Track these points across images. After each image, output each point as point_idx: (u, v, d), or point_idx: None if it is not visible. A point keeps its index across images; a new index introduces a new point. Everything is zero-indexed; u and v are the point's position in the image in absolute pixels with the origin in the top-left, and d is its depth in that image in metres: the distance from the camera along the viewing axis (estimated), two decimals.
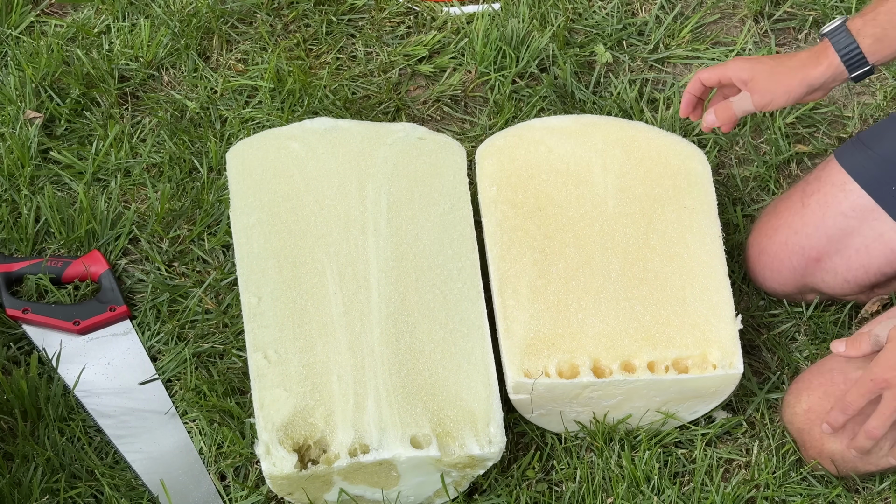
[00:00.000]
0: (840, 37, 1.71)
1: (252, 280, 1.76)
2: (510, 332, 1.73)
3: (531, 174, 1.88)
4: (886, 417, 1.61)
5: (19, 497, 1.71)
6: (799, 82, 1.73)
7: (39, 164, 2.09)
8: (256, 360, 1.69)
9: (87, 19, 2.30)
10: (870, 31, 1.71)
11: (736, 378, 1.73)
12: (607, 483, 1.73)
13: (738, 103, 1.78)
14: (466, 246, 1.82)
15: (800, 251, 1.87)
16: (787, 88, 1.73)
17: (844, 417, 1.64)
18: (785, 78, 1.73)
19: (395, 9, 2.32)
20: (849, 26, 1.71)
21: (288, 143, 1.90)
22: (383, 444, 1.63)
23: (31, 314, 1.88)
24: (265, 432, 1.63)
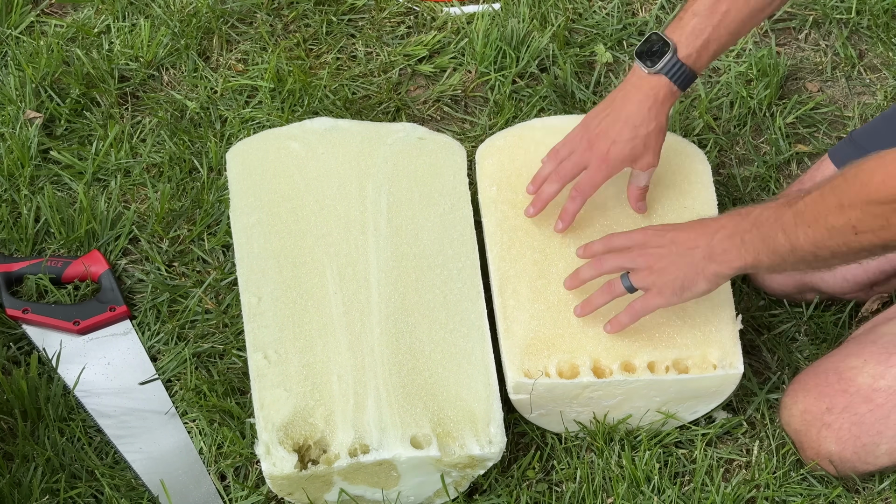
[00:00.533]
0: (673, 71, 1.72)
1: (252, 280, 1.76)
2: (510, 332, 1.73)
3: (531, 174, 1.87)
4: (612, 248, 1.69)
5: (19, 497, 1.70)
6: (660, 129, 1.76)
7: (39, 164, 2.08)
8: (256, 360, 1.69)
9: (87, 19, 2.29)
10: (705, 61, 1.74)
11: (736, 378, 1.73)
12: (607, 483, 1.73)
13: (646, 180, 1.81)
14: (467, 246, 1.82)
15: None
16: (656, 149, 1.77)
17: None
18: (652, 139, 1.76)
19: (395, 9, 2.32)
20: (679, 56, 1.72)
21: (288, 143, 1.89)
22: (383, 445, 1.62)
23: (31, 314, 1.88)
24: (265, 432, 1.62)
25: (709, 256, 1.60)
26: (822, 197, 1.48)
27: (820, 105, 2.21)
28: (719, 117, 2.18)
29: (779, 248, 1.54)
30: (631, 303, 1.68)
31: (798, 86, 2.25)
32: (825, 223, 1.47)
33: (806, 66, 2.28)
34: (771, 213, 1.55)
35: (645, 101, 1.75)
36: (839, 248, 1.49)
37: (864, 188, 1.43)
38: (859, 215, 1.44)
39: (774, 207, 1.55)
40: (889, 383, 1.67)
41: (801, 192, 1.53)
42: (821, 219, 1.48)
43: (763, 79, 2.21)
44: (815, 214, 1.49)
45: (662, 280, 1.63)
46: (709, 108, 2.18)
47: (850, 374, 1.69)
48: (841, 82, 2.26)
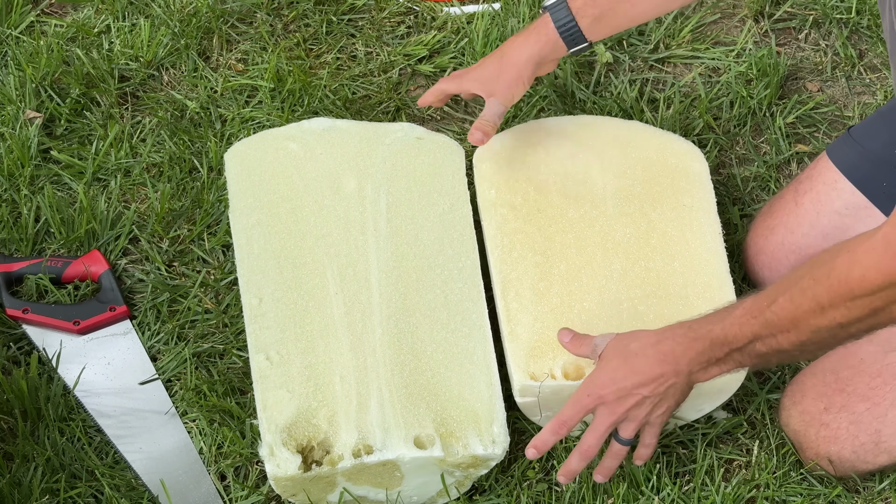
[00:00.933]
0: (560, 13, 1.76)
1: (253, 281, 1.76)
2: (514, 335, 1.73)
3: (529, 176, 1.87)
4: (600, 434, 1.61)
5: (19, 497, 1.70)
6: (524, 64, 1.79)
7: (39, 163, 2.08)
8: (259, 362, 1.69)
9: (87, 19, 2.29)
10: (589, 12, 1.76)
11: (741, 375, 1.73)
12: (607, 483, 1.73)
13: (491, 112, 1.82)
14: (467, 246, 1.82)
15: (796, 250, 1.87)
16: (518, 75, 1.79)
17: (555, 438, 1.61)
18: (512, 69, 1.79)
19: (395, 9, 2.32)
20: (569, 3, 1.76)
21: (286, 144, 1.89)
22: (387, 445, 1.62)
23: (31, 314, 1.88)
24: (268, 434, 1.62)
25: (688, 381, 1.59)
26: (793, 303, 1.46)
27: (820, 105, 2.21)
28: (719, 117, 2.18)
29: (761, 353, 1.52)
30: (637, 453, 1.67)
31: (798, 86, 2.25)
32: (808, 327, 1.46)
33: (806, 65, 2.28)
34: (735, 330, 1.52)
35: (522, 33, 1.81)
36: (826, 342, 1.48)
37: (844, 286, 1.41)
38: (844, 312, 1.42)
39: (737, 325, 1.52)
40: (886, 381, 1.67)
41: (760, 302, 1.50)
42: (801, 323, 1.46)
43: (763, 79, 2.21)
44: (792, 320, 1.47)
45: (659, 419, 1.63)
46: (709, 108, 2.18)
47: (846, 374, 1.70)
48: (841, 82, 2.26)
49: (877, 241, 1.40)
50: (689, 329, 1.58)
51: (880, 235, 1.39)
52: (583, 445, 1.63)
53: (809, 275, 1.46)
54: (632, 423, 1.62)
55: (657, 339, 1.59)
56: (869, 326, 1.45)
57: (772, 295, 1.49)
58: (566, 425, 1.61)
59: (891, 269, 1.37)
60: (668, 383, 1.58)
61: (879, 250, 1.38)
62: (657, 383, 1.58)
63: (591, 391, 1.60)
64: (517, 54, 1.79)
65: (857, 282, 1.40)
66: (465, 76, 1.86)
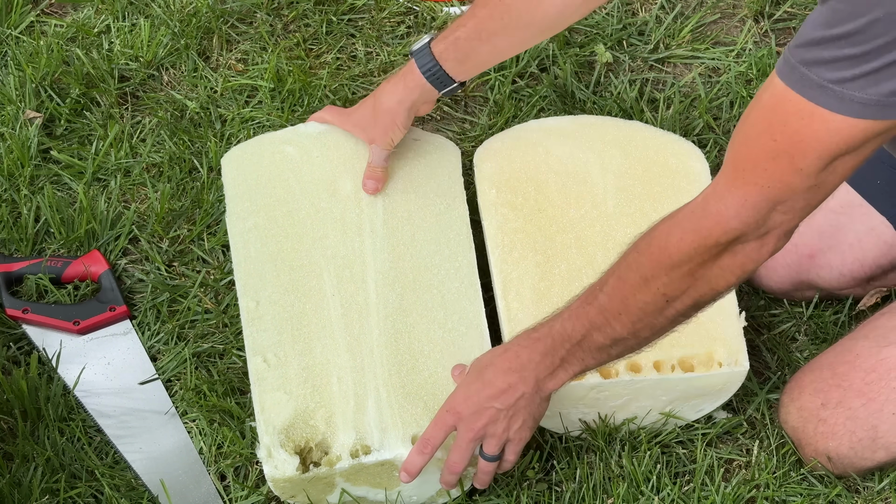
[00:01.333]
0: (424, 59, 1.79)
1: (250, 284, 1.76)
2: (515, 335, 1.73)
3: (530, 176, 1.88)
4: (463, 450, 1.61)
5: (19, 497, 1.70)
6: (396, 108, 1.81)
7: (39, 163, 2.08)
8: (256, 364, 1.69)
9: (87, 19, 2.29)
10: (451, 56, 1.78)
11: (742, 375, 1.73)
12: (607, 483, 1.73)
13: (375, 158, 1.84)
14: (463, 246, 1.82)
15: (793, 249, 1.87)
16: (392, 120, 1.81)
17: (423, 458, 1.60)
18: (386, 116, 1.82)
19: (395, 9, 2.32)
20: (432, 48, 1.78)
21: (282, 147, 1.89)
22: (385, 445, 1.62)
23: (31, 314, 1.88)
24: (266, 435, 1.62)
25: (537, 389, 1.58)
26: (621, 280, 1.47)
27: None
28: (719, 117, 2.18)
29: (601, 346, 1.53)
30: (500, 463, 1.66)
31: None
32: (635, 303, 1.46)
33: None
34: (573, 322, 1.53)
35: (391, 79, 1.83)
36: (657, 322, 1.48)
37: (663, 253, 1.42)
38: (666, 281, 1.43)
39: (574, 316, 1.53)
40: (881, 376, 1.68)
41: (594, 288, 1.51)
42: (629, 301, 1.47)
43: (763, 79, 2.20)
44: (621, 300, 1.47)
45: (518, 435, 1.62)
46: (709, 108, 2.18)
47: (843, 370, 1.70)
48: None
49: (696, 204, 1.41)
50: (533, 331, 1.59)
51: (700, 199, 1.41)
52: (449, 461, 1.63)
53: (635, 249, 1.47)
54: (492, 440, 1.61)
55: (504, 349, 1.61)
56: (693, 301, 1.45)
57: (603, 279, 1.51)
58: (430, 444, 1.60)
59: (706, 230, 1.38)
60: (518, 394, 1.58)
61: (697, 213, 1.40)
62: (507, 394, 1.58)
63: (450, 407, 1.61)
64: (389, 100, 1.82)
65: (675, 247, 1.41)
66: (347, 120, 1.89)
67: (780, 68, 1.29)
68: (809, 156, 1.29)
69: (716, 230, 1.38)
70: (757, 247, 1.39)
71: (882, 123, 1.26)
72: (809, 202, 1.35)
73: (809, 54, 1.25)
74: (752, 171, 1.33)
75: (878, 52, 1.21)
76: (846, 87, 1.23)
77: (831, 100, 1.25)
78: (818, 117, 1.26)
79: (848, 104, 1.24)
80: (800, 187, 1.32)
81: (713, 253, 1.40)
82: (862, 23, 1.20)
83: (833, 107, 1.25)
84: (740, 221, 1.36)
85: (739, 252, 1.40)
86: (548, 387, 1.59)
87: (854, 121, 1.25)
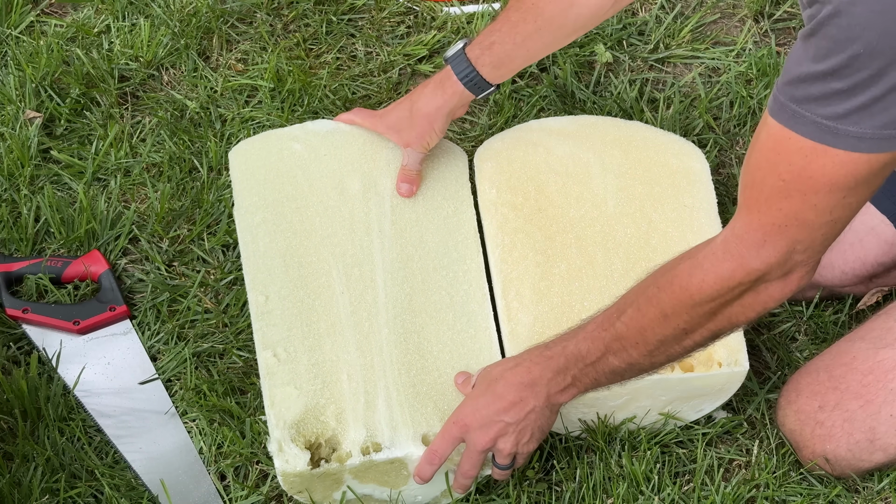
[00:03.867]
0: (460, 65, 1.79)
1: (259, 279, 1.76)
2: (515, 334, 1.73)
3: (530, 176, 1.88)
4: (474, 461, 1.62)
5: (19, 497, 1.70)
6: (435, 114, 1.82)
7: (39, 163, 2.08)
8: (266, 359, 1.69)
9: (87, 19, 2.29)
10: (487, 61, 1.79)
11: (742, 375, 1.73)
12: (607, 483, 1.73)
13: (411, 162, 1.85)
14: (471, 248, 1.82)
15: None
16: (430, 125, 1.82)
17: (432, 468, 1.62)
18: (423, 121, 1.83)
19: (395, 8, 2.32)
20: (468, 53, 1.79)
21: (290, 144, 1.90)
22: (395, 443, 1.63)
23: (31, 314, 1.88)
24: (277, 429, 1.63)
25: (547, 402, 1.59)
26: (640, 313, 1.48)
27: None
28: (719, 117, 2.18)
29: (615, 369, 1.54)
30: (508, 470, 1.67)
31: None
32: (654, 336, 1.48)
33: None
34: (588, 344, 1.54)
35: (429, 84, 1.83)
36: (674, 352, 1.50)
37: (684, 293, 1.43)
38: (686, 319, 1.45)
39: (590, 338, 1.54)
40: (878, 378, 1.68)
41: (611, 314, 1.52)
42: (647, 333, 1.48)
43: (763, 79, 2.21)
44: (639, 331, 1.49)
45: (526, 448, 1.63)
46: (709, 108, 2.18)
47: (839, 372, 1.70)
48: None
49: (716, 245, 1.42)
50: (546, 348, 1.59)
51: (720, 240, 1.41)
52: (460, 470, 1.64)
53: (654, 283, 1.48)
54: (502, 453, 1.62)
55: (516, 363, 1.61)
56: (711, 333, 1.47)
57: (621, 307, 1.52)
58: (437, 455, 1.61)
59: (728, 272, 1.39)
60: (529, 408, 1.59)
61: (718, 255, 1.40)
62: (518, 408, 1.59)
63: (458, 419, 1.61)
64: (427, 105, 1.82)
65: (696, 287, 1.42)
66: (379, 122, 1.89)
67: (772, 108, 1.27)
68: (821, 190, 1.28)
69: (738, 272, 1.38)
70: (780, 286, 1.40)
71: (886, 155, 1.24)
72: (827, 236, 1.35)
73: (799, 91, 1.24)
74: (766, 212, 1.33)
75: (864, 85, 1.19)
76: (840, 122, 1.22)
77: (828, 136, 1.23)
78: (821, 153, 1.25)
79: (845, 139, 1.23)
80: (816, 223, 1.32)
81: (736, 293, 1.41)
82: (844, 58, 1.18)
83: (831, 143, 1.23)
84: (762, 262, 1.36)
85: (763, 291, 1.40)
86: (558, 400, 1.60)
87: (856, 155, 1.24)
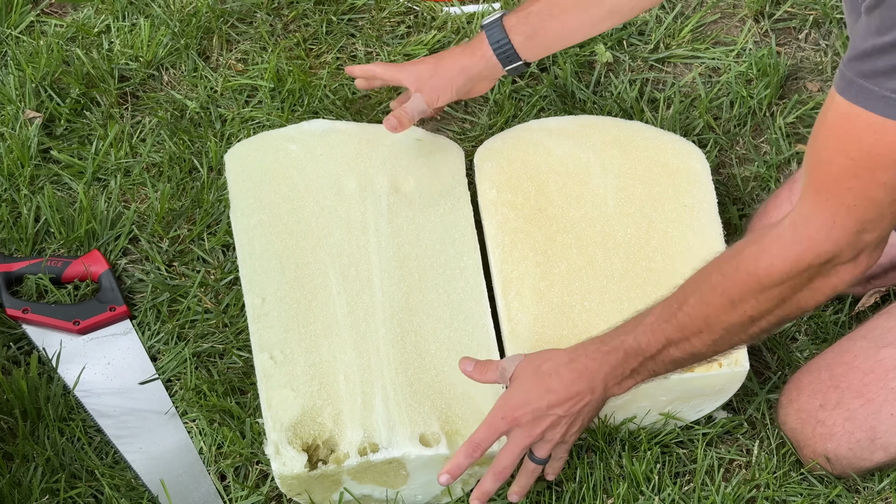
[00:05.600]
0: (494, 31, 1.79)
1: (255, 281, 1.76)
2: (515, 334, 1.73)
3: (530, 176, 1.88)
4: (515, 456, 1.60)
5: (19, 497, 1.70)
6: (458, 73, 1.81)
7: (39, 163, 2.08)
8: (262, 361, 1.69)
9: (87, 19, 2.29)
10: (521, 30, 1.78)
11: (742, 375, 1.73)
12: (607, 483, 1.73)
13: (412, 105, 1.84)
14: (468, 245, 1.82)
15: None
16: (450, 81, 1.82)
17: (471, 461, 1.58)
18: (445, 74, 1.82)
19: (395, 8, 2.32)
20: (504, 22, 1.78)
21: (286, 145, 1.90)
22: (392, 443, 1.63)
23: (31, 314, 1.88)
24: (274, 432, 1.63)
25: (603, 397, 1.58)
26: (703, 302, 1.46)
27: (820, 105, 2.21)
28: (719, 117, 2.18)
29: (676, 359, 1.53)
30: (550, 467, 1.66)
31: (798, 85, 2.25)
32: (719, 324, 1.46)
33: (806, 65, 2.28)
34: (648, 337, 1.52)
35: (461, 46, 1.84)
36: (739, 340, 1.49)
37: (752, 278, 1.41)
38: (754, 305, 1.43)
39: (650, 331, 1.52)
40: (879, 377, 1.68)
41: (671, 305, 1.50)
42: (712, 321, 1.46)
43: (763, 78, 2.21)
44: (703, 319, 1.47)
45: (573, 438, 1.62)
46: (709, 107, 2.18)
47: (840, 371, 1.70)
48: None
49: (783, 228, 1.39)
50: (602, 343, 1.57)
51: (787, 222, 1.39)
52: (497, 467, 1.60)
53: (718, 271, 1.45)
54: (547, 444, 1.60)
55: (570, 358, 1.58)
56: (778, 319, 1.45)
57: (681, 297, 1.49)
58: (480, 448, 1.58)
59: (797, 255, 1.37)
60: (584, 402, 1.57)
61: (786, 238, 1.38)
62: (572, 402, 1.57)
63: (506, 413, 1.58)
64: (453, 62, 1.82)
65: (764, 272, 1.40)
66: (401, 68, 1.89)
67: (838, 84, 1.26)
68: (890, 168, 1.26)
69: (807, 254, 1.36)
70: (850, 268, 1.38)
71: None
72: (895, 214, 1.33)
73: (866, 66, 1.23)
74: (835, 192, 1.31)
75: None
76: None
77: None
78: (891, 129, 1.23)
79: None
80: (885, 201, 1.30)
81: (805, 277, 1.39)
82: None
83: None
84: (832, 243, 1.35)
85: (833, 274, 1.39)
86: (614, 393, 1.58)
87: None
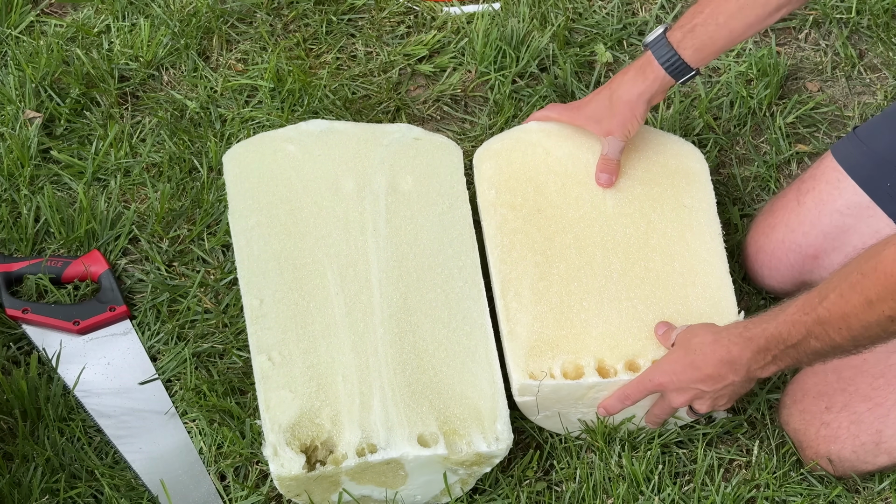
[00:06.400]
0: (661, 49, 1.79)
1: (253, 282, 1.76)
2: (514, 334, 1.73)
3: (529, 176, 1.88)
4: (668, 411, 1.72)
5: (19, 497, 1.70)
6: (636, 100, 1.82)
7: (39, 163, 2.08)
8: (261, 363, 1.69)
9: (87, 19, 2.29)
10: (690, 44, 1.78)
11: None
12: (607, 483, 1.73)
13: (611, 150, 1.85)
14: (466, 245, 1.82)
15: (797, 249, 1.87)
16: (633, 113, 1.82)
17: (620, 405, 1.71)
18: (625, 108, 1.82)
19: (395, 8, 2.32)
20: (668, 38, 1.78)
21: (284, 146, 1.89)
22: (391, 444, 1.63)
23: (31, 314, 1.88)
24: (272, 434, 1.62)
25: (747, 378, 1.63)
26: (843, 299, 1.47)
27: (820, 105, 2.21)
28: (719, 117, 2.18)
29: (817, 350, 1.54)
30: None
31: (798, 85, 2.25)
32: (857, 322, 1.47)
33: (806, 65, 2.28)
34: (790, 328, 1.54)
35: (629, 72, 1.83)
36: (879, 337, 1.48)
37: (890, 279, 1.41)
38: (892, 305, 1.43)
39: (791, 322, 1.54)
40: (889, 381, 1.67)
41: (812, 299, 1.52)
42: (851, 319, 1.47)
43: (763, 78, 2.21)
44: (842, 316, 1.48)
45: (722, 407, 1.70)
46: (709, 108, 2.18)
47: (849, 374, 1.70)
48: (841, 82, 2.26)
49: None
50: (745, 329, 1.60)
51: None
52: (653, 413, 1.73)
53: (857, 269, 1.46)
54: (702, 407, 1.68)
55: (714, 339, 1.63)
56: None
57: (823, 292, 1.51)
58: (629, 399, 1.70)
59: None
60: (727, 382, 1.63)
61: None
62: (714, 381, 1.63)
63: (654, 377, 1.68)
64: (628, 93, 1.82)
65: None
66: (577, 113, 1.89)
67: None
68: None
69: None
70: None
71: None
72: None
73: None
74: None
75: None
76: None
77: None
78: None
79: None
80: None
81: None
82: None
83: None
84: None
85: None
86: (759, 375, 1.62)
87: None
